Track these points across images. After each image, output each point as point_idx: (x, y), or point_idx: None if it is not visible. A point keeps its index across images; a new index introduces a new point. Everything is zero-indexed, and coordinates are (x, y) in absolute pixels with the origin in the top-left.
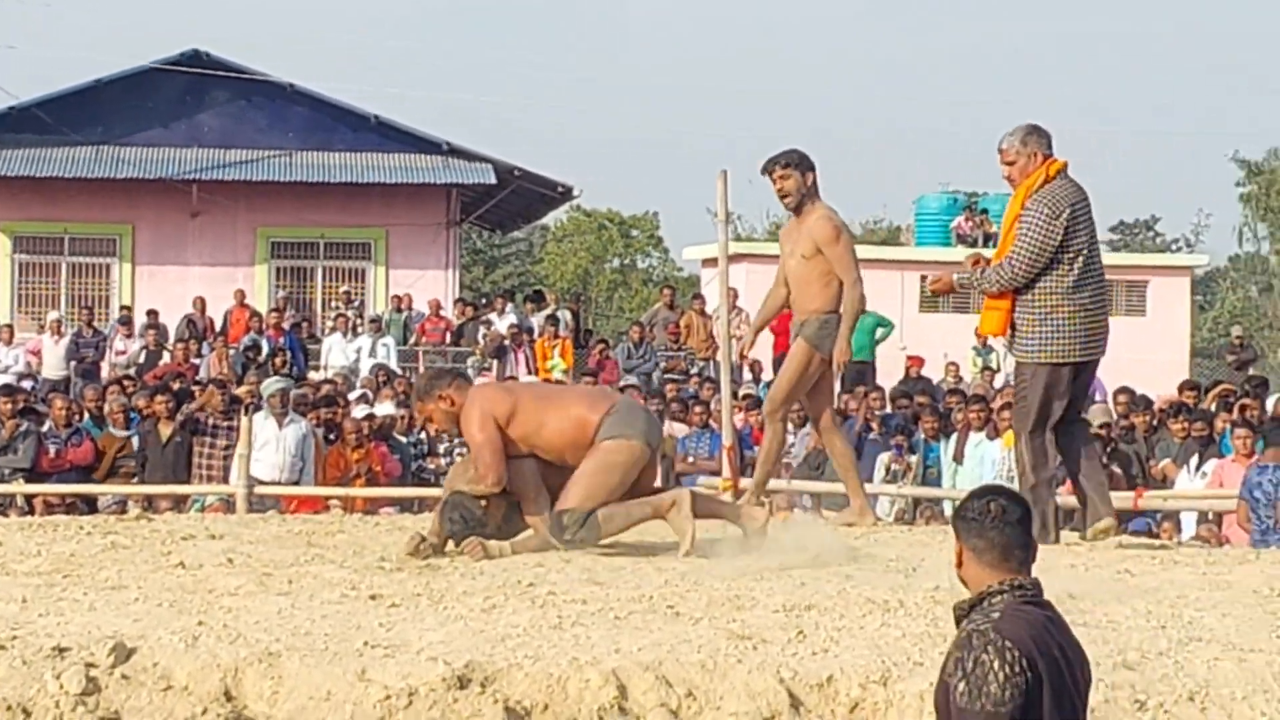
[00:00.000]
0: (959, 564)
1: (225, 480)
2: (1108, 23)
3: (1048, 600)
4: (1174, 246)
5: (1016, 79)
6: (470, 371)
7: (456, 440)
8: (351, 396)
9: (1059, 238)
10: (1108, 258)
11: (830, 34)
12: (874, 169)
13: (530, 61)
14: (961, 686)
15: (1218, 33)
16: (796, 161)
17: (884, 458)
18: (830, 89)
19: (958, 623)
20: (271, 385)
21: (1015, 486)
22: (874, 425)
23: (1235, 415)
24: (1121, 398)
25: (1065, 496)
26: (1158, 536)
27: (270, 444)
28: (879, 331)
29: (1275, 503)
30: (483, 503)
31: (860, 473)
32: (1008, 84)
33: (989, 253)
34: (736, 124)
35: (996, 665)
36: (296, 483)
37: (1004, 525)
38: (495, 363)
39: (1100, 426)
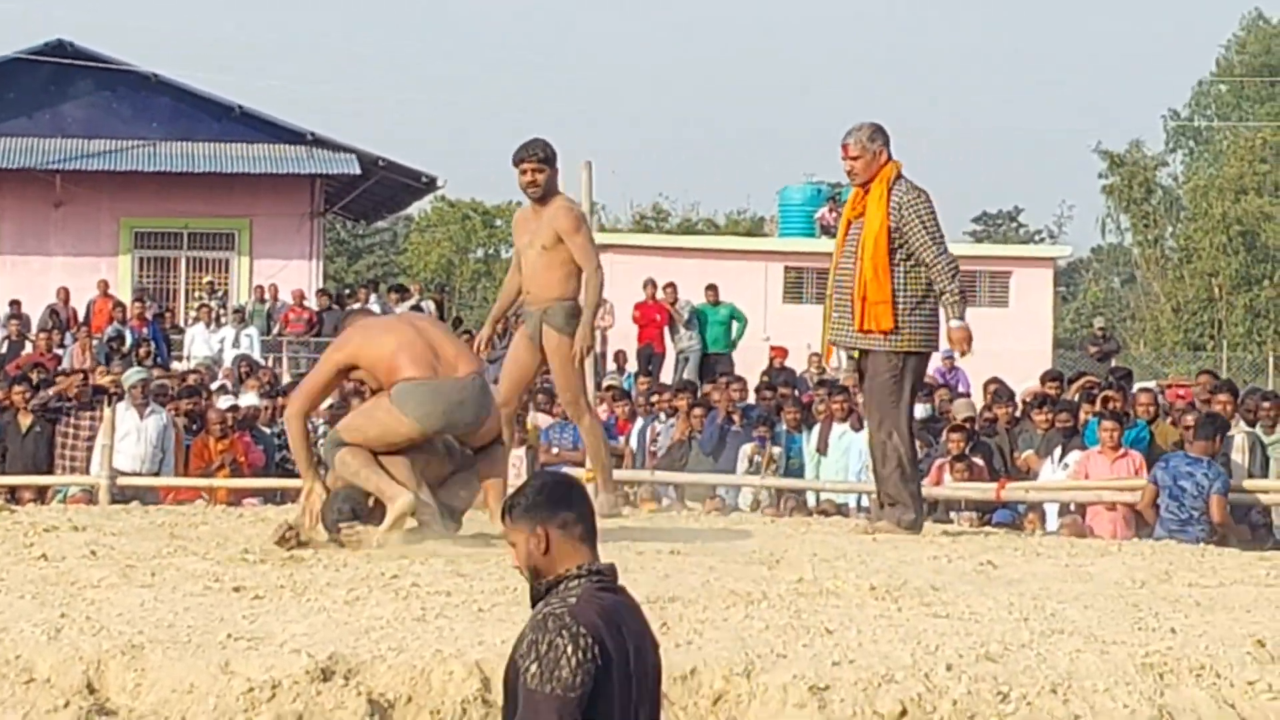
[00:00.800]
0: (544, 549)
1: (87, 471)
2: (970, 11)
3: (622, 586)
4: (1037, 238)
5: (877, 69)
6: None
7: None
8: (214, 387)
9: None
10: (971, 248)
11: (694, 20)
12: (737, 160)
13: (393, 51)
14: (534, 669)
15: (1081, 25)
16: (549, 156)
17: (746, 449)
18: (693, 77)
19: (533, 604)
20: (132, 375)
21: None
22: (735, 417)
23: (1099, 407)
24: (991, 388)
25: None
26: (1021, 528)
27: (131, 434)
28: (734, 326)
29: (1203, 494)
30: (370, 500)
31: (713, 463)
32: (868, 74)
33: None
34: (600, 113)
35: (570, 649)
36: (157, 473)
37: (586, 505)
38: None
39: (963, 419)
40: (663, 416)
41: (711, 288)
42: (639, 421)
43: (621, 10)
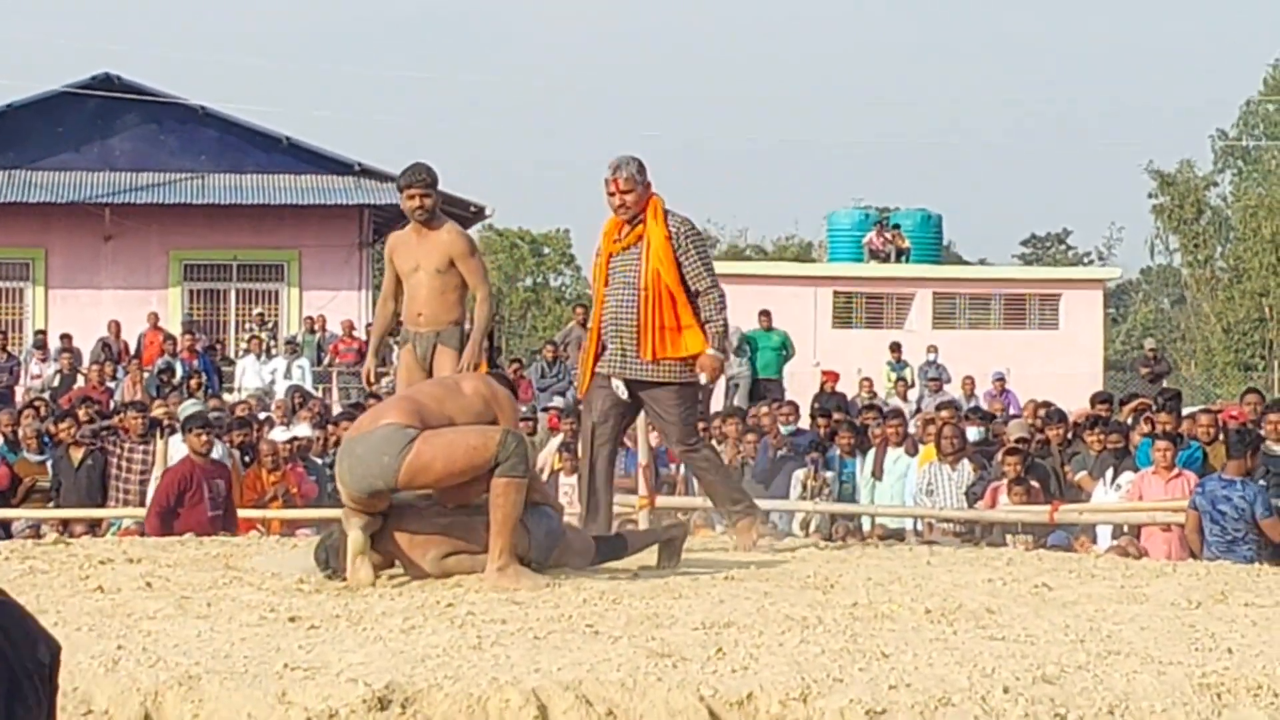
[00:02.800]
0: None
1: (141, 504)
2: (1017, 36)
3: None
4: (1086, 260)
5: (922, 93)
6: (383, 394)
7: None
8: (262, 417)
9: None
10: (1021, 271)
11: (739, 47)
12: (785, 185)
13: (440, 81)
14: None
15: (1131, 44)
16: (435, 180)
17: (799, 474)
18: (740, 103)
19: None
20: (189, 407)
21: (930, 503)
22: (783, 446)
23: (1150, 428)
24: (1040, 411)
25: (986, 512)
26: (1074, 550)
27: None
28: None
29: (1245, 516)
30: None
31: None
32: (914, 98)
33: (903, 268)
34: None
35: None
36: None
37: None
38: None
39: (1017, 440)
40: (714, 444)
41: (765, 313)
42: None
43: (668, 39)
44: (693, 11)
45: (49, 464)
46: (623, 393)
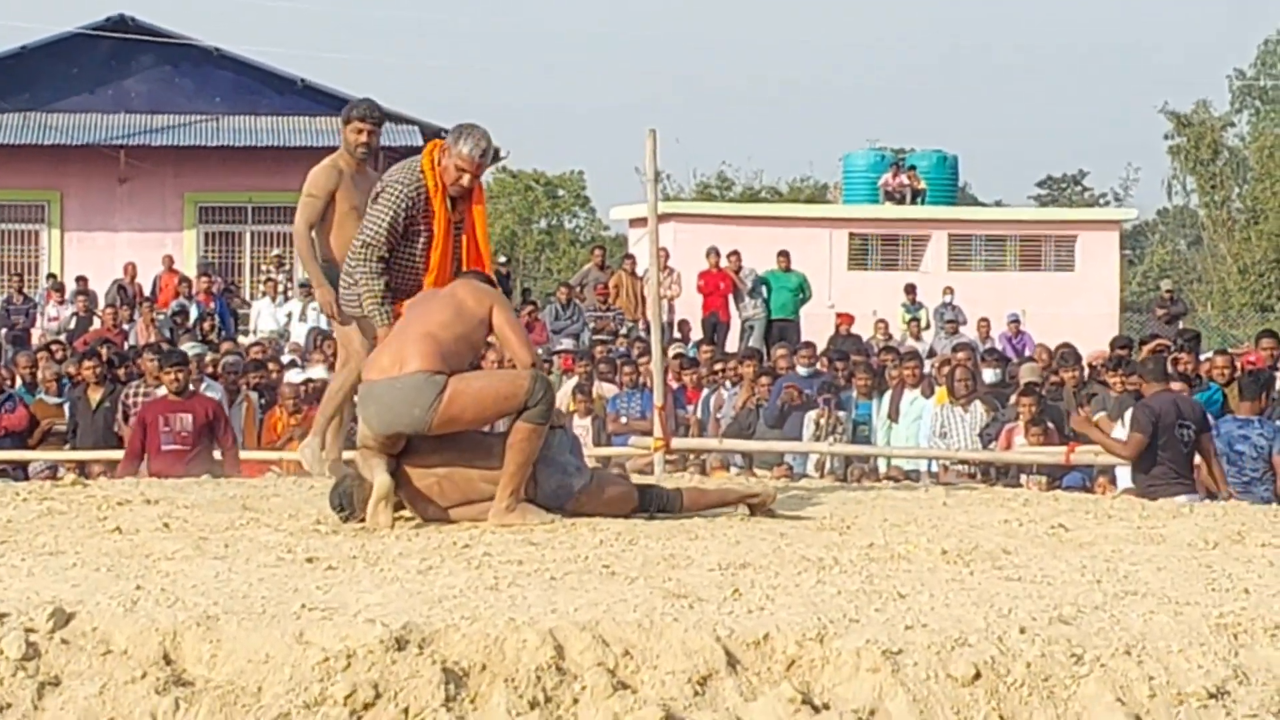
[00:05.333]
0: None
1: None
2: None
3: None
4: (1102, 201)
5: (936, 32)
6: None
7: None
8: (283, 360)
9: None
10: (1037, 213)
11: None
12: (800, 127)
13: (455, 22)
14: None
15: None
16: (383, 119)
17: (812, 414)
18: (754, 44)
19: None
20: (191, 350)
21: (944, 446)
22: (796, 391)
23: (1169, 370)
24: (1059, 352)
25: (1001, 453)
26: (1092, 491)
27: None
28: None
29: (1264, 455)
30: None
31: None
32: (928, 39)
33: (918, 210)
34: (661, 81)
35: None
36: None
37: None
38: None
39: (1027, 384)
40: (728, 385)
41: (784, 254)
42: (704, 390)
43: None
44: None
45: (66, 406)
46: None
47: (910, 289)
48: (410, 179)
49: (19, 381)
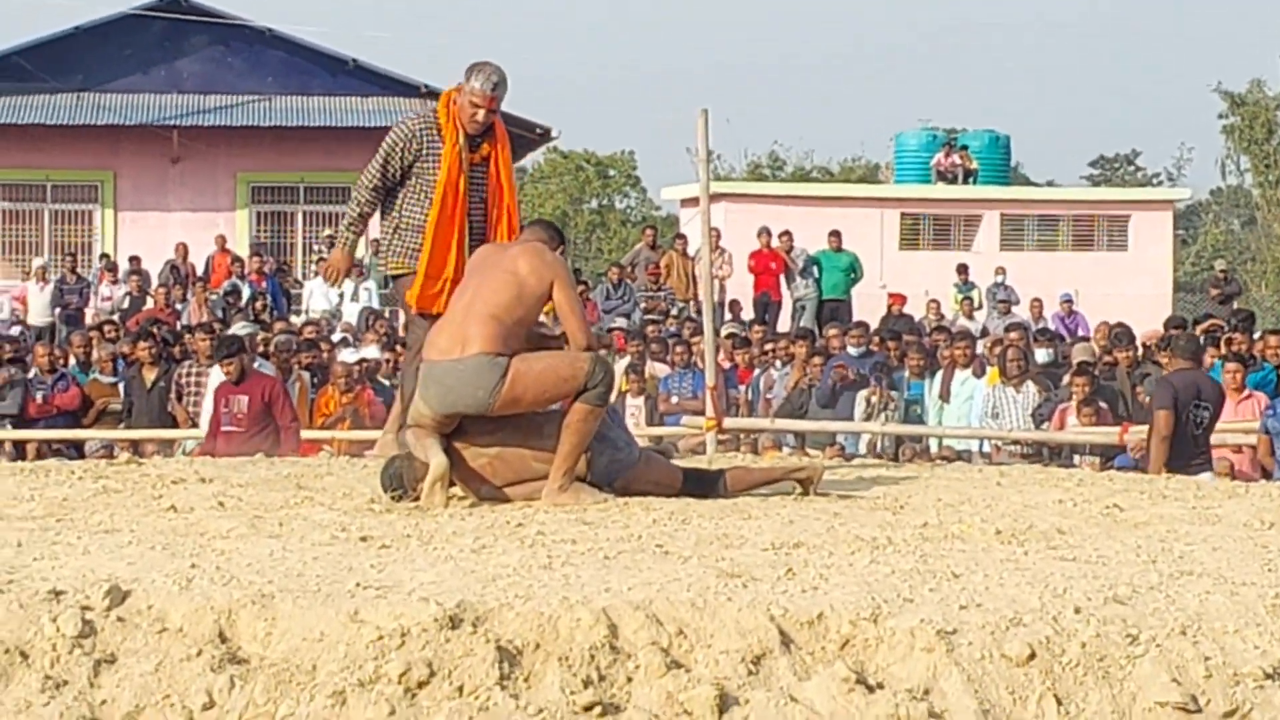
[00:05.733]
0: None
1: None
2: None
3: None
4: (1155, 180)
5: (990, 13)
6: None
7: None
8: (334, 339)
9: None
10: (1089, 192)
11: None
12: (853, 106)
13: (505, 2)
14: None
15: None
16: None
17: (864, 393)
18: (807, 24)
19: None
20: (239, 331)
21: (996, 426)
22: (848, 370)
23: (1223, 350)
24: (1114, 331)
25: (1055, 434)
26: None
27: None
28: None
29: None
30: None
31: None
32: (982, 18)
33: (971, 190)
34: (712, 61)
35: None
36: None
37: None
38: None
39: (1080, 364)
40: (779, 364)
41: (835, 234)
42: (755, 370)
43: None
44: None
45: (121, 386)
46: None
47: (962, 269)
48: (411, 120)
49: (73, 361)
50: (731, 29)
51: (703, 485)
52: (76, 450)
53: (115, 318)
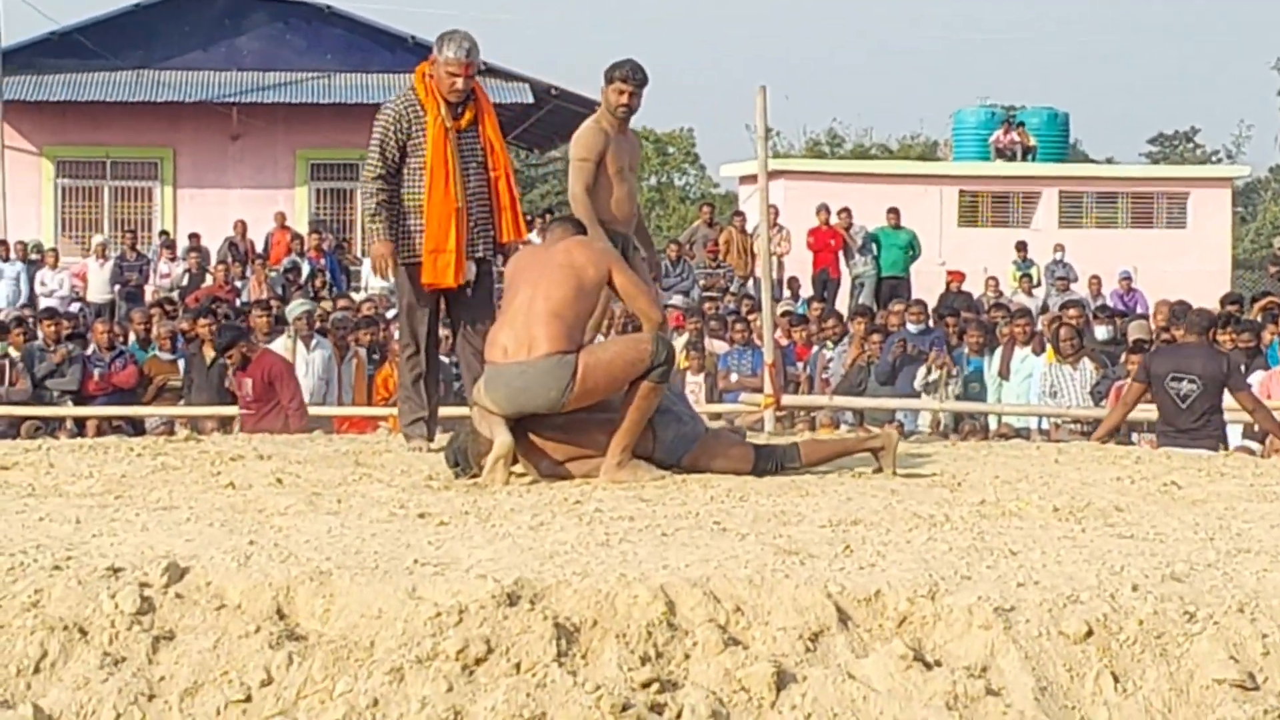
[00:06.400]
0: None
1: None
2: None
3: None
4: (1214, 158)
5: None
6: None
7: None
8: (390, 315)
9: None
10: (1148, 170)
11: None
12: (911, 83)
13: None
14: None
15: None
16: (646, 83)
17: (923, 369)
18: (867, 2)
19: None
20: (297, 308)
21: (1054, 404)
22: (906, 346)
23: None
24: (1175, 307)
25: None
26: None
27: (298, 368)
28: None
29: None
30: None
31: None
32: None
33: (1029, 167)
34: (773, 39)
35: None
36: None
37: None
38: None
39: (1136, 341)
40: (832, 343)
41: (893, 211)
42: (813, 347)
43: None
44: None
45: (180, 362)
46: (473, 275)
47: (1021, 246)
48: (393, 102)
49: (132, 338)
50: (791, 5)
51: (776, 461)
52: (135, 427)
53: (175, 295)
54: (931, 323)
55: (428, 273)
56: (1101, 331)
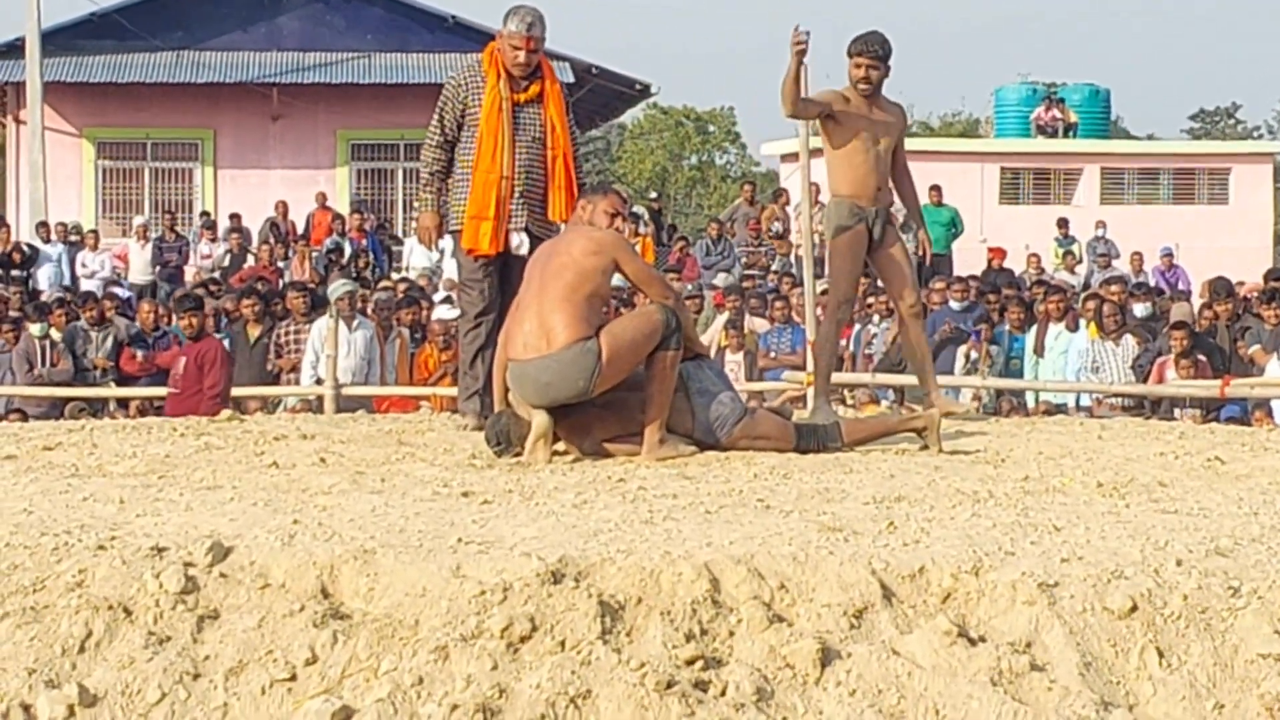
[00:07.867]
0: None
1: (297, 381)
2: None
3: None
4: (1256, 134)
5: None
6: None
7: None
8: (435, 298)
9: None
10: (1189, 146)
11: None
12: (953, 61)
13: None
14: None
15: None
16: (887, 54)
17: (963, 347)
18: None
19: None
20: (339, 289)
21: (1097, 380)
22: (948, 324)
23: None
24: (1213, 285)
25: (1154, 386)
26: (1249, 425)
27: (341, 347)
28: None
29: None
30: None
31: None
32: None
33: (1070, 144)
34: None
35: None
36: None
37: None
38: None
39: (1175, 324)
40: (877, 319)
41: (935, 188)
42: (855, 325)
43: None
44: None
45: (224, 343)
46: (524, 249)
47: (1062, 223)
48: (459, 73)
49: (174, 319)
50: None
51: (819, 440)
52: None
53: (216, 275)
54: (973, 299)
55: (467, 238)
56: (1139, 309)
